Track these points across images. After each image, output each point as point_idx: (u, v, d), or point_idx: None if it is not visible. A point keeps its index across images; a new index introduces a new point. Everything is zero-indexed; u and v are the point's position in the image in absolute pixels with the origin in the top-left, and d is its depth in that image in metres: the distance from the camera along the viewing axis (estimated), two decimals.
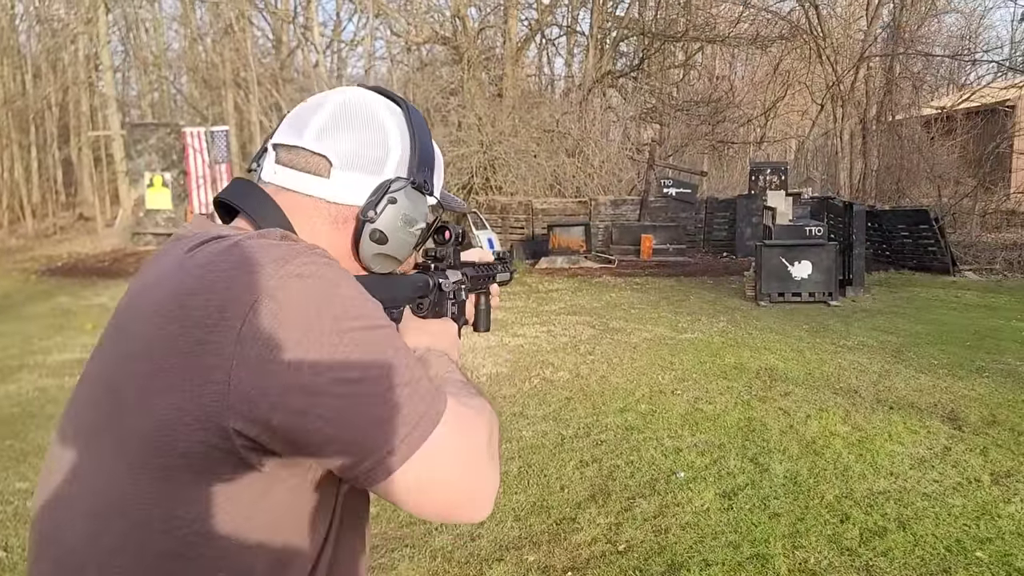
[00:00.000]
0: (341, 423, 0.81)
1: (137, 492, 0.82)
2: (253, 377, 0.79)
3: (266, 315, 0.80)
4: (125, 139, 21.68)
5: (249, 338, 0.79)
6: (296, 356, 0.80)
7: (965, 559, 3.47)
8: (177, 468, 0.81)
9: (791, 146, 29.22)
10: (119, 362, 0.86)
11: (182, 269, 0.87)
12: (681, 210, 18.33)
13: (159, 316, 0.84)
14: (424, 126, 1.11)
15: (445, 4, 25.46)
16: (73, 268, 17.03)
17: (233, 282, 0.82)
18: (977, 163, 19.21)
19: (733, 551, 3.60)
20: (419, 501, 0.87)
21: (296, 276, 0.83)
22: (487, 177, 18.66)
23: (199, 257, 0.87)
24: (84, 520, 0.85)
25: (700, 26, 23.33)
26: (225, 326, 0.80)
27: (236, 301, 0.81)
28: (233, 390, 0.79)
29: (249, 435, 0.80)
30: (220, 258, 0.85)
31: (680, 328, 9.10)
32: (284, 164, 1.04)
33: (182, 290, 0.84)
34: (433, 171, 1.12)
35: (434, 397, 0.88)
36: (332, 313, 0.83)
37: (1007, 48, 27.36)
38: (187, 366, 0.80)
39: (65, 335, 9.36)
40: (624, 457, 4.86)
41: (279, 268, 0.83)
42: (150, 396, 0.81)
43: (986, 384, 6.34)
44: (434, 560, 3.59)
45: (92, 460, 0.85)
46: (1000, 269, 13.85)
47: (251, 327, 0.79)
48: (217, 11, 26.14)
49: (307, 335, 0.81)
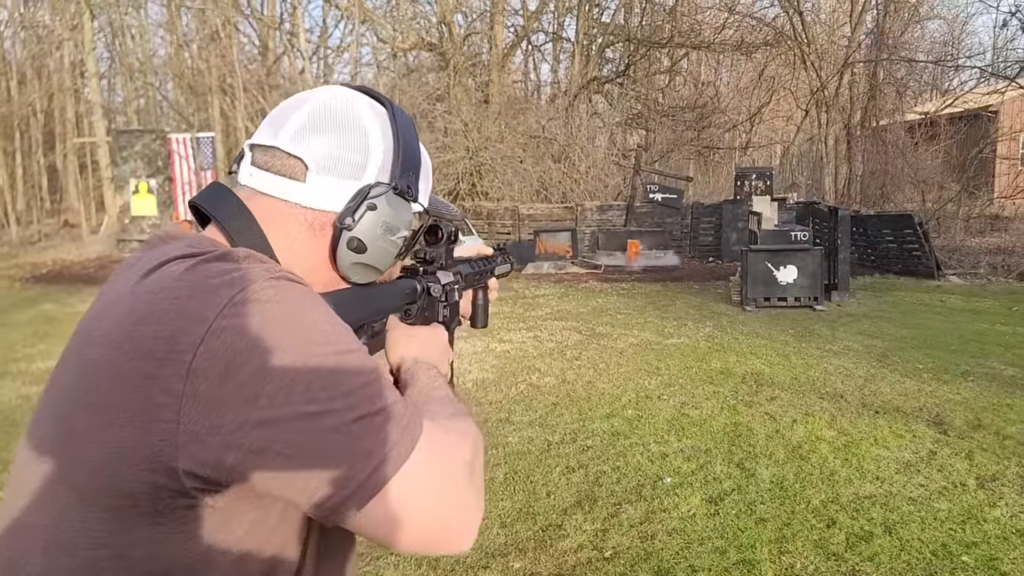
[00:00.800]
0: (302, 460, 0.75)
1: (85, 529, 0.77)
2: (204, 415, 0.73)
3: (219, 347, 0.74)
4: (110, 145, 21.57)
5: (200, 373, 0.73)
6: (252, 389, 0.74)
7: (951, 563, 3.47)
8: (124, 507, 0.76)
9: (776, 151, 29.37)
10: (70, 387, 0.81)
11: (133, 295, 0.81)
12: (667, 215, 18.38)
13: (107, 345, 0.79)
14: (410, 128, 1.05)
15: (431, 10, 25.54)
16: (58, 275, 16.90)
17: (184, 312, 0.76)
18: (961, 168, 19.36)
19: (720, 557, 3.59)
20: (392, 536, 0.81)
21: (254, 302, 0.78)
22: (473, 183, 18.67)
23: (151, 282, 0.81)
24: (40, 556, 0.79)
25: (685, 32, 23.46)
26: (175, 359, 0.74)
27: (186, 332, 0.75)
28: (183, 430, 0.73)
29: (200, 475, 0.75)
30: (172, 284, 0.79)
31: (666, 333, 9.10)
32: (259, 166, 0.98)
33: (132, 318, 0.78)
34: (419, 176, 1.05)
35: (407, 426, 0.82)
36: (293, 340, 0.77)
37: (989, 54, 27.63)
38: (134, 401, 0.74)
39: (49, 342, 9.28)
40: (610, 463, 4.85)
41: (235, 295, 0.78)
42: (98, 430, 0.76)
43: (971, 388, 6.37)
44: (419, 568, 3.57)
45: (48, 487, 0.80)
46: (984, 273, 13.94)
47: (202, 361, 0.74)
48: (203, 18, 26.05)
49: (264, 365, 0.75)
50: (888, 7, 21.99)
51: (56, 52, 26.35)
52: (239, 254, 0.85)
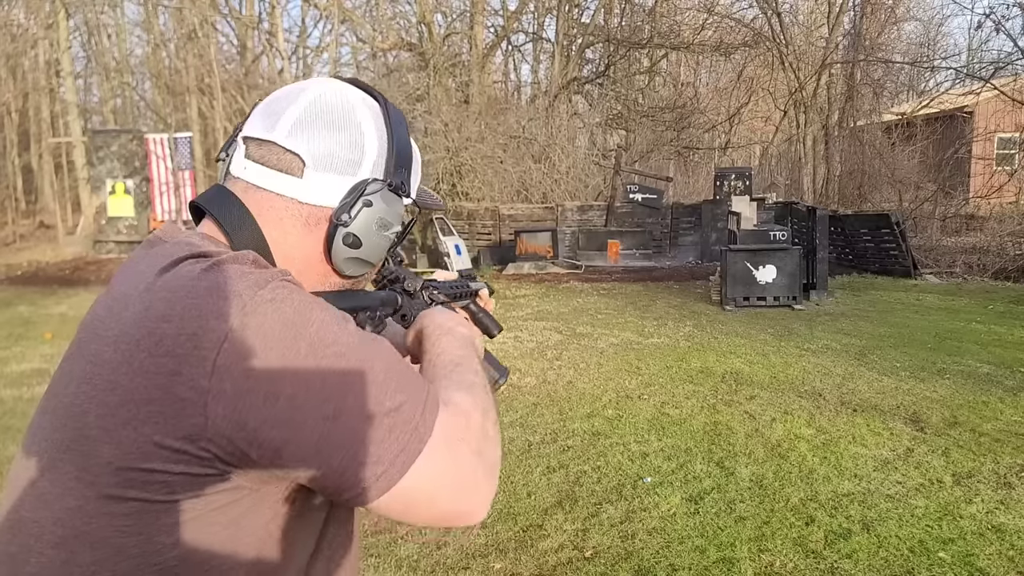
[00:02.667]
0: (319, 460, 0.80)
1: (111, 522, 0.79)
2: (229, 411, 0.77)
3: (240, 346, 0.77)
4: (87, 145, 21.37)
5: (224, 370, 0.77)
6: (272, 388, 0.78)
7: (928, 560, 3.50)
8: (154, 498, 0.79)
9: (755, 152, 29.53)
10: (82, 386, 0.82)
11: (150, 291, 0.83)
12: (647, 215, 18.44)
13: (125, 342, 0.80)
14: (402, 122, 1.07)
15: (411, 10, 25.44)
16: (33, 277, 16.72)
17: (206, 310, 0.79)
18: (937, 168, 19.55)
19: (700, 555, 3.60)
20: (406, 518, 0.88)
21: (269, 301, 0.81)
22: (454, 183, 18.64)
23: (171, 280, 0.83)
24: (53, 550, 0.81)
25: (665, 33, 23.52)
26: (199, 356, 0.77)
27: (210, 331, 0.78)
28: (210, 424, 0.77)
29: (229, 463, 0.79)
30: (192, 283, 0.82)
31: (646, 333, 9.13)
32: (255, 160, 0.99)
33: (152, 315, 0.80)
34: (410, 171, 1.07)
35: (416, 426, 0.85)
36: (307, 340, 0.81)
37: (964, 55, 27.85)
38: (159, 398, 0.77)
39: (24, 345, 9.18)
40: (591, 463, 4.85)
41: (252, 295, 0.81)
42: (119, 426, 0.78)
43: (947, 386, 6.43)
44: (399, 569, 3.56)
45: (56, 485, 0.82)
46: (960, 272, 14.07)
47: (225, 359, 0.77)
48: (180, 17, 25.85)
49: (283, 365, 0.79)
50: (865, 9, 22.16)
51: (31, 51, 26.11)
52: (249, 256, 0.88)
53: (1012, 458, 4.75)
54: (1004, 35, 17.77)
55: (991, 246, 15.17)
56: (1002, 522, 3.88)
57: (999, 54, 20.21)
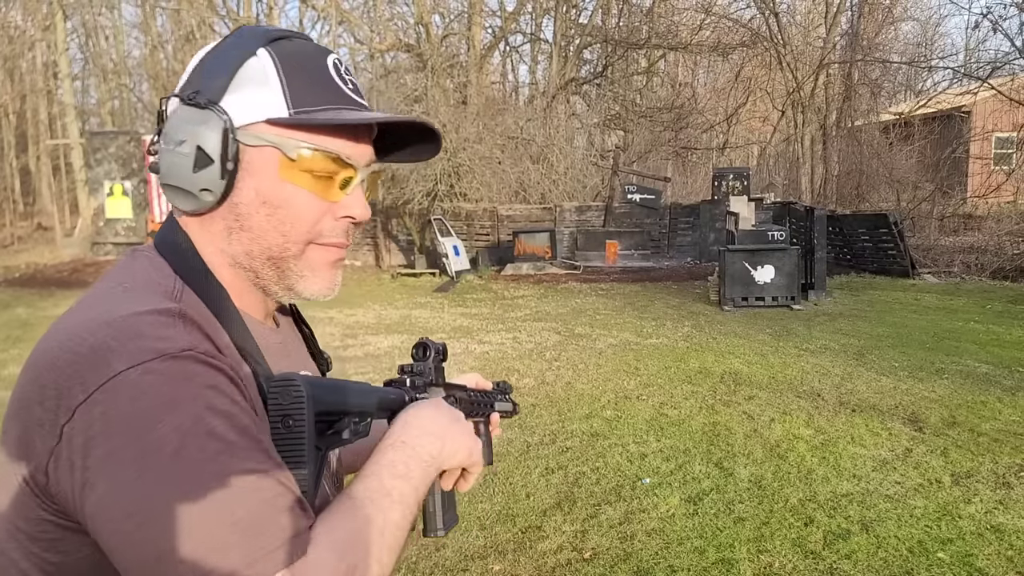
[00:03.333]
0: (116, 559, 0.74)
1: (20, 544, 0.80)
2: (67, 480, 0.74)
3: (84, 423, 0.73)
4: (84, 147, 21.34)
5: (67, 439, 0.73)
6: (91, 477, 0.72)
7: (927, 560, 3.50)
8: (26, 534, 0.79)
9: (753, 152, 29.57)
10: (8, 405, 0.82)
11: (54, 331, 0.82)
12: (646, 216, 18.44)
13: (24, 375, 0.81)
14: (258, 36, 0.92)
15: (408, 11, 25.45)
16: (31, 279, 16.71)
17: (77, 371, 0.75)
18: (934, 168, 19.56)
19: (699, 556, 3.60)
20: None
21: (132, 385, 0.74)
22: (452, 184, 18.61)
23: (72, 321, 0.82)
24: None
25: (662, 34, 23.53)
26: (58, 414, 0.74)
27: (70, 394, 0.74)
28: (51, 483, 0.75)
29: (71, 527, 0.77)
30: (83, 337, 0.77)
31: (645, 333, 9.12)
32: None
33: (46, 358, 0.79)
34: (230, 79, 0.89)
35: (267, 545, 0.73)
36: (141, 446, 0.72)
37: (962, 55, 27.89)
38: (27, 441, 0.76)
39: (21, 347, 9.17)
40: (590, 464, 4.85)
41: (123, 370, 0.74)
42: (5, 459, 0.79)
43: (946, 386, 6.43)
44: (398, 571, 3.54)
45: None
46: (958, 272, 14.08)
47: (73, 428, 0.73)
48: (178, 18, 25.84)
49: (114, 456, 0.72)
50: (862, 9, 22.20)
51: (28, 53, 26.09)
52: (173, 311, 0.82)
53: (1011, 458, 4.75)
54: (1001, 35, 17.82)
55: (989, 246, 15.19)
56: (1001, 522, 3.88)
57: (996, 54, 20.25)
